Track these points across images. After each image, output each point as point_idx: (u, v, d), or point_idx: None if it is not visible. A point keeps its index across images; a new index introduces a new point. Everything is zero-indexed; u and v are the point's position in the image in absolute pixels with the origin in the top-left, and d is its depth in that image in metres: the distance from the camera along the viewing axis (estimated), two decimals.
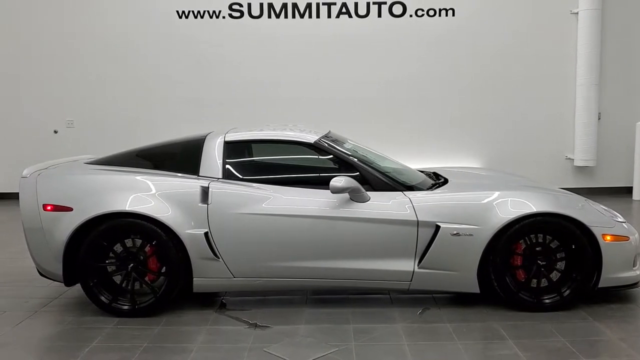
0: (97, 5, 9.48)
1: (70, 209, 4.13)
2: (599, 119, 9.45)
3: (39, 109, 9.69)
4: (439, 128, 9.60)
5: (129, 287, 4.19)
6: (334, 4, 9.40)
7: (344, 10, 9.41)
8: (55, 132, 9.70)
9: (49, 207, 4.15)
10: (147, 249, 4.17)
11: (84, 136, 9.63)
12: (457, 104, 9.58)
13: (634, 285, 4.24)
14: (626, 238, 4.16)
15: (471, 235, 4.05)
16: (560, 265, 4.17)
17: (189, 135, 4.89)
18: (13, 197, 4.25)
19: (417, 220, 4.09)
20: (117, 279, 4.24)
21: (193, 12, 9.46)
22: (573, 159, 9.58)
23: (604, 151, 9.56)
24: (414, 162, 6.88)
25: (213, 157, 4.39)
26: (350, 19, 9.43)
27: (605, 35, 9.33)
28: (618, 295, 4.42)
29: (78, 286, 4.32)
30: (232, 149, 4.46)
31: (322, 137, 4.57)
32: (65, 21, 9.50)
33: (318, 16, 9.44)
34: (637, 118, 9.46)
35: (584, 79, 9.30)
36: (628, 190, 9.52)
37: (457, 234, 4.05)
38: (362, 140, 5.73)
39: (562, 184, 9.09)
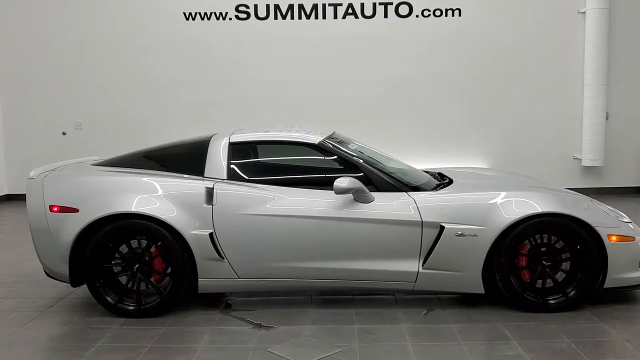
0: (104, 8, 9.53)
1: (76, 210, 4.16)
2: (607, 118, 9.39)
3: (48, 111, 9.76)
4: (446, 128, 9.58)
5: (135, 288, 4.21)
6: (340, 4, 9.41)
7: (350, 11, 9.42)
8: (64, 133, 9.77)
9: (55, 209, 4.18)
10: (153, 249, 4.19)
11: (92, 138, 9.69)
12: (464, 104, 9.56)
13: (639, 285, 4.21)
14: (632, 238, 4.14)
15: (475, 235, 4.05)
16: (566, 265, 4.15)
17: (195, 137, 4.92)
18: (23, 198, 4.30)
19: (422, 221, 4.08)
20: (123, 279, 4.26)
21: (200, 13, 9.49)
22: (581, 159, 9.53)
23: (611, 151, 9.50)
24: (421, 163, 6.89)
25: (218, 158, 4.41)
26: (357, 19, 9.44)
27: (612, 34, 9.27)
28: (624, 295, 4.40)
29: (84, 287, 4.36)
30: (237, 150, 4.48)
31: (327, 138, 4.58)
32: (73, 24, 9.57)
33: (324, 17, 9.45)
34: None
35: (591, 79, 9.26)
36: (637, 190, 9.47)
37: (462, 235, 4.05)
38: (368, 140, 5.73)
39: (570, 184, 9.04)
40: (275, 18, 9.47)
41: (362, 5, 9.40)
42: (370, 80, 9.51)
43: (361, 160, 4.44)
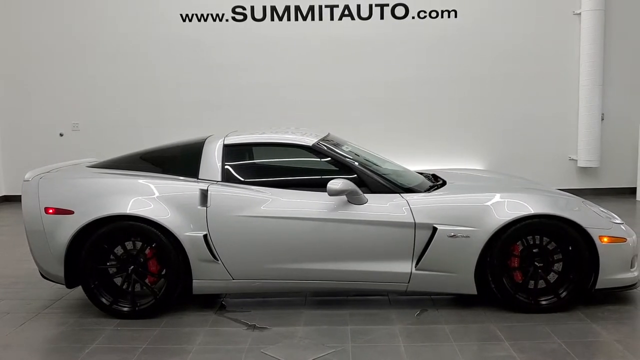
0: (102, 10, 9.55)
1: (71, 212, 4.18)
2: (602, 119, 9.42)
3: (45, 113, 9.77)
4: (442, 129, 9.60)
5: (130, 289, 4.24)
6: (337, 6, 9.43)
7: (346, 12, 9.44)
8: (61, 135, 9.78)
9: (50, 210, 4.20)
10: (148, 251, 4.22)
11: (90, 139, 9.70)
12: (460, 106, 9.58)
13: (631, 286, 4.25)
14: (623, 239, 4.17)
15: (468, 237, 4.07)
16: (558, 266, 4.18)
17: (189, 139, 4.94)
18: (20, 199, 4.33)
19: (414, 222, 4.11)
20: (118, 281, 4.29)
21: (197, 15, 9.51)
22: (576, 160, 9.56)
23: (607, 152, 9.53)
24: (417, 164, 6.91)
25: (212, 160, 4.43)
26: (353, 21, 9.45)
27: (608, 35, 9.30)
28: (615, 296, 4.42)
29: (80, 288, 4.37)
30: (231, 152, 4.50)
31: (321, 139, 4.61)
32: (69, 25, 9.58)
33: (321, 18, 9.46)
34: None
35: (587, 80, 9.28)
36: (632, 191, 9.48)
37: (454, 236, 4.08)
38: (364, 142, 5.76)
39: (566, 185, 9.09)
40: (272, 19, 9.49)
41: (359, 6, 9.42)
42: (367, 82, 9.53)
43: (355, 162, 4.46)
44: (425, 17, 9.44)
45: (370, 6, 9.43)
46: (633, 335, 3.79)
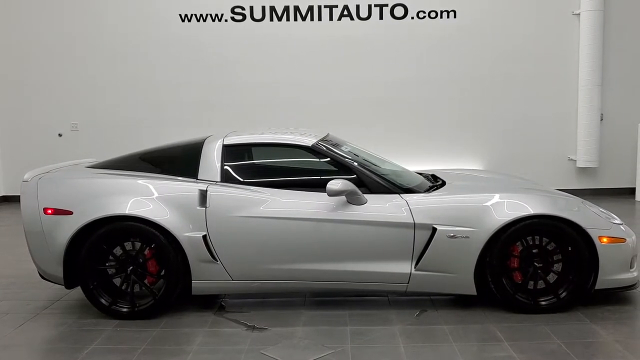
0: (101, 10, 9.56)
1: (70, 213, 4.17)
2: (602, 120, 9.43)
3: (44, 113, 9.78)
4: (441, 130, 9.61)
5: (129, 290, 4.23)
6: (336, 6, 9.43)
7: (345, 12, 9.44)
8: (60, 135, 9.78)
9: (49, 211, 4.20)
10: (147, 251, 4.21)
11: (89, 139, 9.71)
12: (459, 106, 9.59)
13: (631, 286, 4.24)
14: (623, 240, 4.17)
15: (467, 237, 4.07)
16: (557, 267, 4.17)
17: (189, 139, 4.93)
18: (19, 199, 4.34)
19: (414, 223, 4.11)
20: (117, 281, 4.29)
21: (196, 15, 9.51)
22: (576, 160, 9.56)
23: (606, 152, 9.54)
24: (417, 164, 6.91)
25: (211, 161, 4.43)
26: (352, 21, 9.46)
27: (607, 36, 9.31)
28: (615, 297, 4.42)
29: (79, 289, 4.37)
30: (231, 152, 4.49)
31: (320, 140, 4.60)
32: (69, 26, 9.58)
33: (320, 19, 9.47)
34: None
35: (586, 80, 9.29)
36: (631, 192, 9.49)
37: (454, 236, 4.07)
38: (364, 142, 5.75)
39: (565, 186, 9.09)
40: (271, 20, 9.50)
41: (358, 7, 9.43)
42: (366, 82, 9.53)
43: (354, 163, 4.46)
44: (424, 17, 9.45)
45: (370, 6, 9.44)
46: (633, 335, 3.79)
